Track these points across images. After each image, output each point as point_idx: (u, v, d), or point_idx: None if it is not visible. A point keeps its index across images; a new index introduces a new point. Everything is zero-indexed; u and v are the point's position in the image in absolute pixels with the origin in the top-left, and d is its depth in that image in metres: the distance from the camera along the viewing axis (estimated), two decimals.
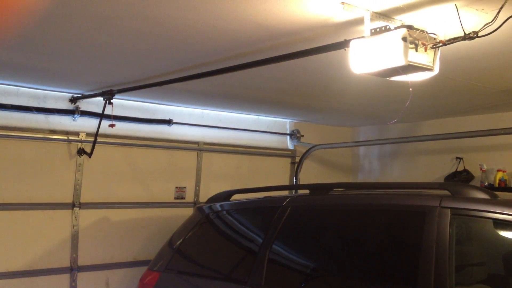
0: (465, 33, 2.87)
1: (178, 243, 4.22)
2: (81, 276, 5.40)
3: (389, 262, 3.16)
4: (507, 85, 5.06)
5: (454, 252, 2.83)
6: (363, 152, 8.19)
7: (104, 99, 4.94)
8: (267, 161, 7.01)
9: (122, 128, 5.61)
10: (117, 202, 5.67)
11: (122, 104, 5.59)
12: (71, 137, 5.28)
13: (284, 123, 7.40)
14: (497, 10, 2.72)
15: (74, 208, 5.35)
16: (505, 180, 6.40)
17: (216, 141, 6.48)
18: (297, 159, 7.25)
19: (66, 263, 5.30)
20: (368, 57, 2.96)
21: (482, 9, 2.95)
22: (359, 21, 3.07)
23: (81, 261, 5.39)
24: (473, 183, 6.60)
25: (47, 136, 5.17)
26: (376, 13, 3.00)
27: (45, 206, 5.20)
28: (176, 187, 6.10)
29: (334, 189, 3.88)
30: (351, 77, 3.77)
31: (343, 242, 3.49)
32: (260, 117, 7.05)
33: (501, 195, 3.05)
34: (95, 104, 5.51)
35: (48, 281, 5.19)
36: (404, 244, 3.13)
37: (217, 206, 4.28)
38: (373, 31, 3.00)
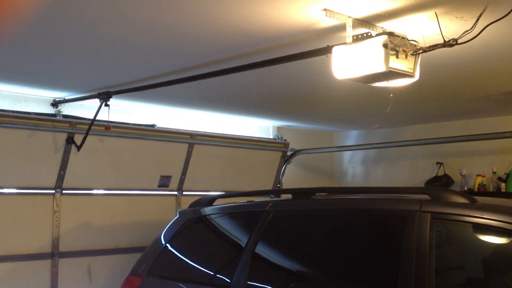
0: (444, 40, 2.91)
1: (160, 247, 4.20)
2: (63, 262, 5.34)
3: (370, 266, 3.18)
4: (485, 91, 5.15)
5: (434, 256, 2.86)
6: (346, 157, 8.24)
7: (100, 101, 4.78)
8: (258, 154, 6.97)
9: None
10: (100, 188, 5.62)
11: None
12: (58, 125, 5.15)
13: (267, 128, 7.42)
14: (476, 18, 2.77)
15: (56, 194, 5.29)
16: (485, 185, 6.50)
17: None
18: (289, 153, 7.26)
19: (47, 249, 5.25)
20: (350, 63, 3.00)
21: (462, 17, 3.00)
22: (341, 28, 3.10)
23: (63, 247, 5.33)
24: (453, 188, 6.68)
25: (36, 123, 5.03)
26: (358, 20, 3.03)
27: (26, 191, 5.12)
28: (162, 176, 6.04)
29: (317, 194, 3.90)
30: (333, 82, 3.80)
31: (325, 246, 3.50)
32: (244, 122, 7.05)
33: (480, 199, 3.10)
34: (77, 107, 5.46)
35: (29, 267, 5.13)
36: (385, 248, 3.16)
37: (200, 210, 4.27)
38: (355, 37, 3.03)
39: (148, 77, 4.47)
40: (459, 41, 2.89)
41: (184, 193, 6.29)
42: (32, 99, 5.25)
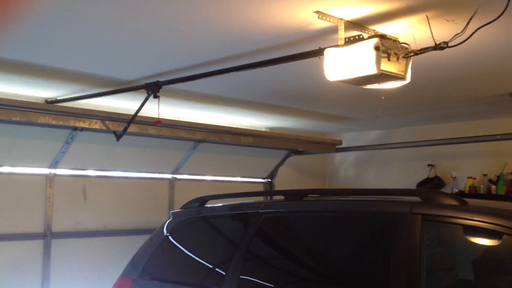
0: (435, 43, 2.93)
1: (152, 249, 4.19)
2: (58, 180, 5.44)
3: (361, 268, 3.19)
4: (476, 94, 5.18)
5: (424, 258, 2.87)
6: (338, 159, 8.26)
7: (147, 92, 4.45)
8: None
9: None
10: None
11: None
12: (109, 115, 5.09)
13: (260, 129, 7.40)
14: (467, 21, 2.79)
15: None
16: (475, 187, 6.54)
17: None
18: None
19: (46, 165, 5.36)
20: (342, 65, 3.01)
21: (453, 20, 3.02)
22: (334, 30, 3.12)
23: (59, 166, 5.44)
24: (444, 190, 6.72)
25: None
26: (350, 22, 3.05)
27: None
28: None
29: (309, 195, 3.90)
30: (326, 84, 3.81)
31: (316, 248, 3.51)
32: (236, 123, 7.05)
33: (471, 201, 3.11)
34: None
35: (26, 180, 5.26)
36: (377, 250, 3.17)
37: (191, 212, 4.26)
38: (347, 40, 3.05)
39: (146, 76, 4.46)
40: (450, 44, 2.91)
41: None
42: (23, 98, 5.20)
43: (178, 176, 6.45)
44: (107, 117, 5.05)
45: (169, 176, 6.39)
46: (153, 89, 4.37)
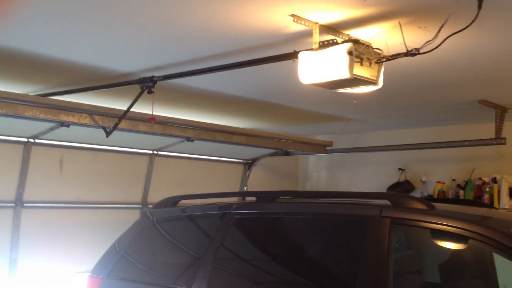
0: (407, 50, 2.98)
1: (121, 248, 4.15)
2: (36, 149, 5.34)
3: (331, 270, 3.22)
4: (446, 100, 5.28)
5: (392, 260, 2.91)
6: (311, 161, 8.31)
7: (141, 88, 4.22)
8: None
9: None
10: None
11: None
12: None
13: None
14: (438, 29, 2.84)
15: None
16: (444, 191, 6.67)
17: None
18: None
19: (24, 135, 5.25)
20: (316, 68, 3.04)
21: (425, 27, 3.08)
22: (308, 33, 3.14)
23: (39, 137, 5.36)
24: (414, 194, 6.82)
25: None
26: (325, 26, 3.08)
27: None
28: None
29: (280, 197, 3.92)
30: (300, 87, 3.84)
31: (287, 250, 3.52)
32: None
33: (439, 206, 3.17)
34: None
35: (4, 149, 5.16)
36: (346, 252, 3.20)
37: (163, 212, 4.24)
38: (321, 43, 3.08)
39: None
40: (421, 51, 2.96)
41: None
42: None
43: (159, 152, 6.35)
44: (97, 111, 4.84)
45: (149, 151, 6.30)
46: (147, 84, 4.17)
